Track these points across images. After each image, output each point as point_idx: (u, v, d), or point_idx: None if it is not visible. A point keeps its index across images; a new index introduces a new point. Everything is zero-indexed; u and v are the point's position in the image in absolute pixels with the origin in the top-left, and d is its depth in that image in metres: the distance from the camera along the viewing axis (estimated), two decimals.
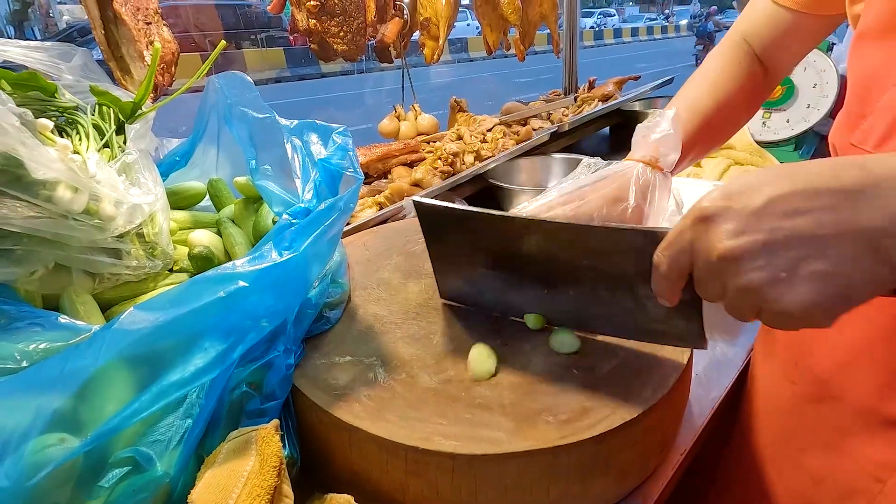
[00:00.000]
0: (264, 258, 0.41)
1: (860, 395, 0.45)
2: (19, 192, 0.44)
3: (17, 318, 0.43)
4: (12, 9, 9.32)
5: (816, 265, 0.29)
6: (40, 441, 0.32)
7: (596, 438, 0.40)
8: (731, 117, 0.61)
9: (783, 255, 0.30)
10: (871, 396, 0.45)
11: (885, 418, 0.44)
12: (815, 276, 0.29)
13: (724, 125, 0.61)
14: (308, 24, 1.06)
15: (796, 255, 0.30)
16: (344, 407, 0.43)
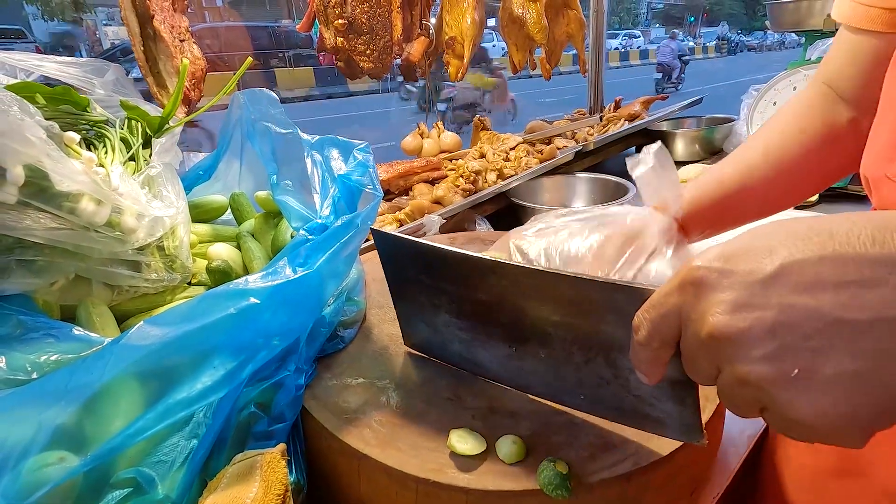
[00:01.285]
0: (278, 274, 0.40)
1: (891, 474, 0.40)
2: (43, 203, 0.44)
3: (33, 329, 0.43)
4: (62, 30, 9.89)
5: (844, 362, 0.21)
6: (40, 459, 0.31)
7: (621, 478, 0.37)
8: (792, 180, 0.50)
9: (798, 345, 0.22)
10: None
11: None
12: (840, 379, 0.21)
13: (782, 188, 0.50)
14: (335, 42, 1.07)
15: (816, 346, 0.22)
16: (354, 432, 0.41)
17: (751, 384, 0.23)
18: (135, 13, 0.82)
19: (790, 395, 0.22)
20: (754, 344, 0.23)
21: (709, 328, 0.24)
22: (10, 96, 0.42)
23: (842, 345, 0.21)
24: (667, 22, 26.48)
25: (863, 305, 0.21)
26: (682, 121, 1.69)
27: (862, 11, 0.45)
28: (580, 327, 0.37)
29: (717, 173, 0.51)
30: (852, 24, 0.46)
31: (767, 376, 0.22)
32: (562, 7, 1.50)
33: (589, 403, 0.41)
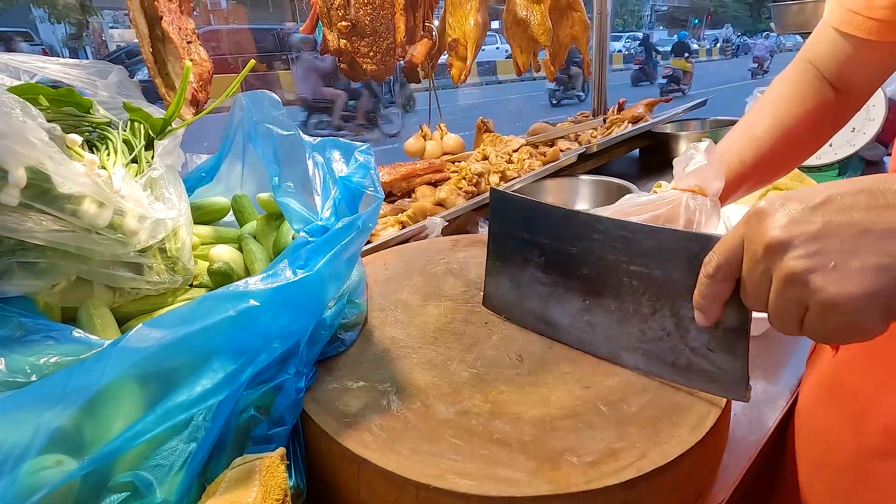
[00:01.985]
0: (278, 276, 0.40)
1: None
2: (45, 205, 0.44)
3: (33, 331, 0.42)
4: (68, 33, 9.96)
5: (870, 258, 0.28)
6: (37, 462, 0.31)
7: (625, 485, 0.37)
8: (795, 146, 0.58)
9: (835, 245, 0.29)
10: None
11: None
12: (867, 268, 0.28)
13: (787, 154, 0.58)
14: (339, 45, 1.07)
15: (849, 247, 0.29)
16: (354, 436, 0.41)
17: (796, 279, 0.30)
18: (143, 14, 0.83)
19: (826, 281, 0.29)
20: (802, 245, 0.30)
21: (767, 239, 0.31)
22: (12, 98, 0.42)
23: (867, 246, 0.28)
24: (671, 24, 26.45)
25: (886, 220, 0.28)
26: (687, 123, 1.68)
27: (848, 17, 0.51)
28: (654, 277, 0.42)
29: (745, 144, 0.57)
30: (839, 28, 0.53)
31: (810, 267, 0.29)
32: (565, 9, 1.50)
33: (646, 359, 0.45)
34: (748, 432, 0.53)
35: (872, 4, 0.49)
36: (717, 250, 0.35)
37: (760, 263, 0.32)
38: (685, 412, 0.43)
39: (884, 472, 0.43)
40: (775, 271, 0.31)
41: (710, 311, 0.37)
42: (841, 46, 0.54)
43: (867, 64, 0.54)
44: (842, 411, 0.48)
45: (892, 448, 0.43)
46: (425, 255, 0.72)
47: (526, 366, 0.50)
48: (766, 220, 0.31)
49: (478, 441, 0.40)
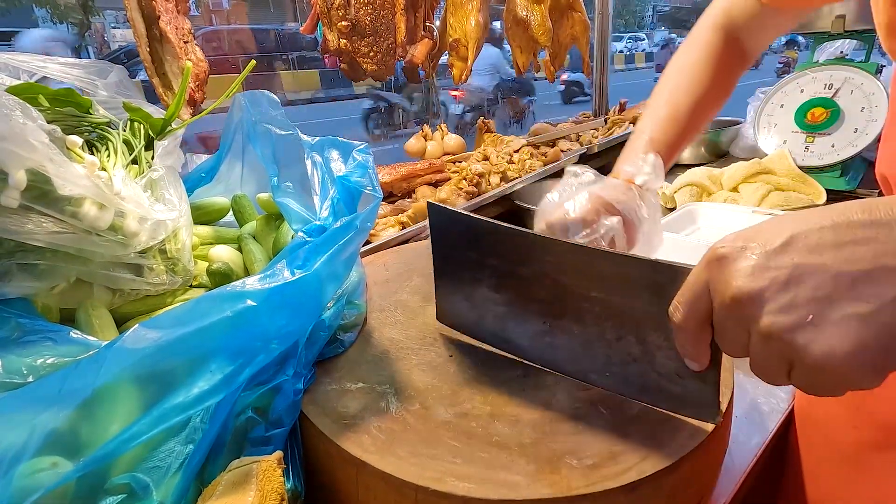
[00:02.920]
0: (275, 276, 0.39)
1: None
2: (45, 207, 0.44)
3: (31, 332, 0.42)
4: (71, 32, 9.98)
5: (849, 307, 0.25)
6: (31, 465, 0.30)
7: (626, 488, 0.36)
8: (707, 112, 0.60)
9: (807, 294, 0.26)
10: None
11: None
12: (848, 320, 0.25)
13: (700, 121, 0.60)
14: (339, 45, 1.07)
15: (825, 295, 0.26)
16: (352, 438, 0.41)
17: (773, 336, 0.27)
18: (141, 14, 0.82)
19: (807, 339, 0.26)
20: (772, 298, 0.27)
21: (732, 291, 0.28)
22: (12, 100, 0.42)
23: (844, 292, 0.25)
24: (673, 25, 26.40)
25: (858, 259, 0.25)
26: None
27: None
28: (616, 304, 0.39)
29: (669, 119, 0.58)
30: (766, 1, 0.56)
31: (786, 324, 0.26)
32: (566, 9, 1.50)
33: (614, 381, 0.42)
34: (750, 434, 0.53)
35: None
36: (681, 299, 0.32)
37: (731, 315, 0.29)
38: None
39: (881, 464, 0.44)
40: (752, 325, 0.28)
41: (697, 356, 0.34)
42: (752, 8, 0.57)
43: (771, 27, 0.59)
44: (840, 405, 0.48)
45: (885, 441, 0.43)
46: (425, 256, 0.72)
47: (525, 367, 0.49)
48: (728, 267, 0.28)
49: (477, 443, 0.40)
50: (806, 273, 0.26)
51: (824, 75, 1.13)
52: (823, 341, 0.26)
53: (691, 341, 0.33)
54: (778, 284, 0.27)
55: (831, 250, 0.26)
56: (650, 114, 0.59)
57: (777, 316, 0.27)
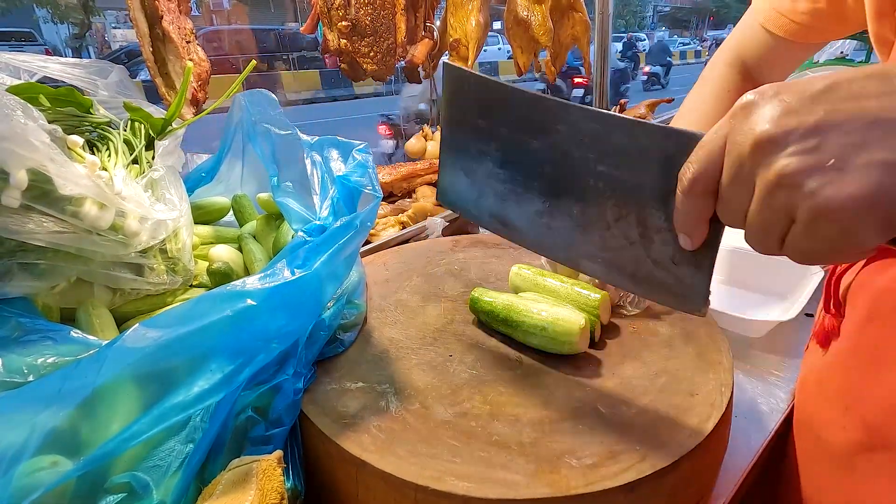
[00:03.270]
0: (275, 276, 0.40)
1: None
2: (46, 207, 0.44)
3: (31, 331, 0.42)
4: (71, 33, 9.98)
5: (876, 152, 0.24)
6: (32, 464, 0.30)
7: (625, 487, 0.36)
8: None
9: (837, 139, 0.24)
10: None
11: None
12: (873, 165, 0.24)
13: None
14: (339, 45, 1.07)
15: (854, 141, 0.24)
16: (352, 438, 0.41)
17: (786, 181, 0.25)
18: (144, 14, 0.83)
19: (822, 182, 0.24)
20: (797, 140, 0.25)
21: (756, 135, 0.26)
22: (13, 100, 0.42)
23: (877, 139, 0.24)
24: (673, 25, 26.39)
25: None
26: None
27: (774, 16, 0.55)
28: (622, 179, 0.37)
29: None
30: (763, 24, 0.56)
31: (805, 166, 0.24)
32: (567, 9, 1.50)
33: (605, 268, 0.41)
34: (749, 434, 0.53)
35: (795, 9, 0.53)
36: (694, 158, 0.29)
37: (745, 166, 0.26)
38: (685, 414, 0.43)
39: (868, 464, 0.44)
40: (760, 174, 0.26)
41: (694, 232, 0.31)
42: (765, 42, 0.57)
43: (781, 61, 0.58)
44: (830, 407, 0.49)
45: (874, 442, 0.43)
46: (425, 255, 0.72)
47: (525, 367, 0.49)
48: (755, 112, 0.26)
49: (477, 443, 0.40)
50: (840, 118, 0.24)
51: None
52: (839, 184, 0.24)
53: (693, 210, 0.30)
54: (805, 128, 0.25)
55: (874, 98, 0.24)
56: None
57: (793, 158, 0.25)
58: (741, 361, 0.64)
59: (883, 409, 0.43)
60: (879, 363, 0.43)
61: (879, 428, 0.43)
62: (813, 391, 0.53)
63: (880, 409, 0.43)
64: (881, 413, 0.43)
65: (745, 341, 0.68)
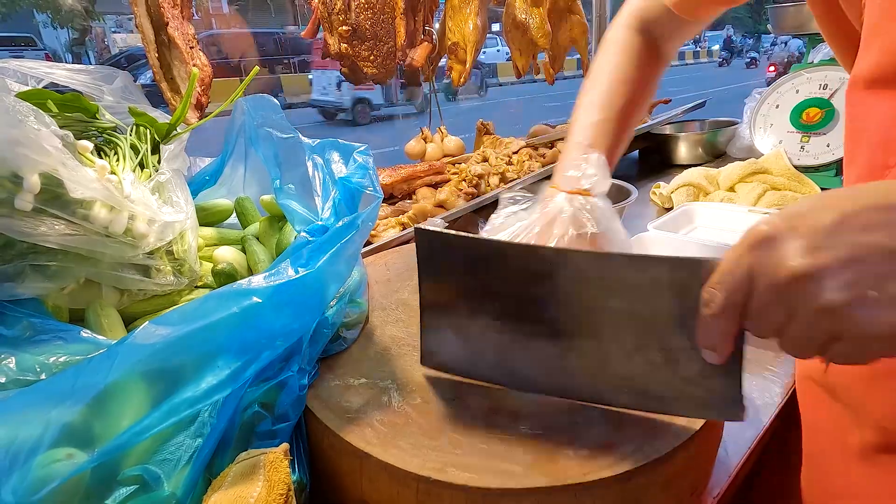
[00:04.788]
0: (280, 275, 0.41)
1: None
2: (58, 210, 0.45)
3: (42, 331, 0.44)
4: (71, 37, 10.02)
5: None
6: (48, 456, 0.32)
7: (621, 477, 0.37)
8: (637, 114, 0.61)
9: (869, 271, 0.27)
10: None
11: None
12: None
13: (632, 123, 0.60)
14: (339, 49, 1.09)
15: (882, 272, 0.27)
16: (356, 431, 0.42)
17: (830, 312, 0.28)
18: (150, 20, 0.84)
19: (872, 314, 0.27)
20: (834, 276, 0.27)
21: (788, 271, 0.28)
22: (26, 106, 0.43)
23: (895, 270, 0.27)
24: None
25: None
26: (686, 124, 1.69)
27: None
28: (637, 311, 0.38)
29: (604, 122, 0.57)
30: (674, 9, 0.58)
31: (849, 299, 0.27)
32: (565, 12, 1.51)
33: (633, 396, 0.41)
34: (744, 428, 0.54)
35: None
36: (719, 285, 0.31)
37: (782, 294, 0.29)
38: None
39: (883, 465, 0.44)
40: (802, 303, 0.28)
41: (722, 347, 0.34)
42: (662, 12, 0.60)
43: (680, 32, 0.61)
44: (833, 409, 0.49)
45: (889, 443, 0.44)
46: None
47: None
48: (781, 248, 0.29)
49: (477, 435, 0.41)
50: (864, 252, 0.27)
51: (819, 76, 1.15)
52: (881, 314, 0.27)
53: (723, 330, 0.33)
54: (838, 263, 0.27)
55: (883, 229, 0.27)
56: (582, 119, 0.57)
57: (839, 292, 0.27)
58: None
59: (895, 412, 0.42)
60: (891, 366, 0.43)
61: (892, 429, 0.43)
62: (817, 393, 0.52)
63: (892, 411, 0.43)
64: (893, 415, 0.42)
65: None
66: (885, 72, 0.39)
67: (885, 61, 0.39)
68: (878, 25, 0.39)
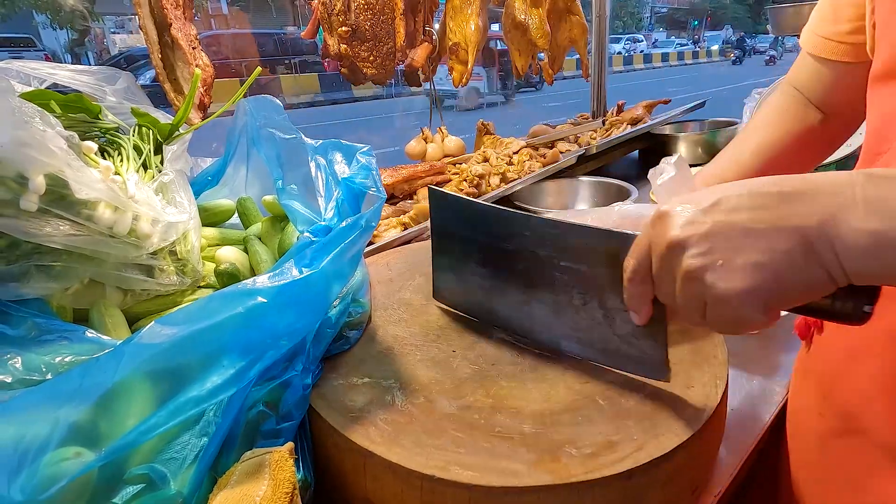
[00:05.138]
0: (284, 275, 0.41)
1: (886, 431, 0.43)
2: (63, 210, 0.45)
3: (47, 331, 0.44)
4: (71, 38, 10.02)
5: (750, 256, 0.31)
6: (56, 454, 0.32)
7: (623, 475, 0.38)
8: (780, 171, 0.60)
9: (722, 245, 0.32)
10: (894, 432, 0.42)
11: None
12: (748, 266, 0.31)
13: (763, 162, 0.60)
14: (339, 49, 1.09)
15: (733, 246, 0.32)
16: (360, 430, 0.42)
17: (693, 276, 0.33)
18: (153, 21, 0.84)
19: (716, 278, 0.32)
20: (695, 245, 0.33)
21: (668, 239, 0.34)
22: (32, 107, 0.44)
23: (748, 245, 0.31)
24: (670, 26, 26.45)
25: (761, 220, 0.31)
26: (685, 124, 1.69)
27: (821, 42, 0.55)
28: (582, 272, 0.45)
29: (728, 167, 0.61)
30: (814, 54, 0.57)
31: (702, 266, 0.32)
32: (564, 12, 1.52)
33: (581, 346, 0.48)
34: (744, 427, 0.54)
35: (840, 30, 0.53)
36: (631, 253, 0.38)
37: (664, 262, 0.35)
38: (682, 406, 0.44)
39: (841, 449, 0.46)
40: (676, 269, 0.34)
41: (640, 311, 0.40)
42: (819, 70, 0.57)
43: (847, 85, 0.56)
44: (811, 395, 0.51)
45: (847, 427, 0.46)
46: (427, 255, 0.73)
47: (526, 362, 0.51)
48: (667, 221, 0.34)
49: (480, 434, 0.42)
50: (722, 228, 0.32)
51: None
52: (728, 280, 0.32)
53: (636, 294, 0.39)
54: (700, 235, 0.33)
55: (746, 212, 0.32)
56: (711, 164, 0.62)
57: (695, 259, 0.33)
58: (736, 355, 0.66)
59: (858, 396, 0.45)
60: (857, 352, 0.45)
61: (855, 414, 0.45)
62: (799, 381, 0.55)
63: (855, 395, 0.46)
64: (856, 399, 0.45)
65: (740, 336, 0.69)
66: (889, 67, 0.42)
67: (888, 56, 0.42)
68: (886, 23, 0.42)
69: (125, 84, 0.69)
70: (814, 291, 0.32)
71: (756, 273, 0.31)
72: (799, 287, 0.31)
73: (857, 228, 0.29)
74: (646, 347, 0.43)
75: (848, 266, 0.30)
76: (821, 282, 0.31)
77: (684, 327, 0.55)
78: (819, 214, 0.30)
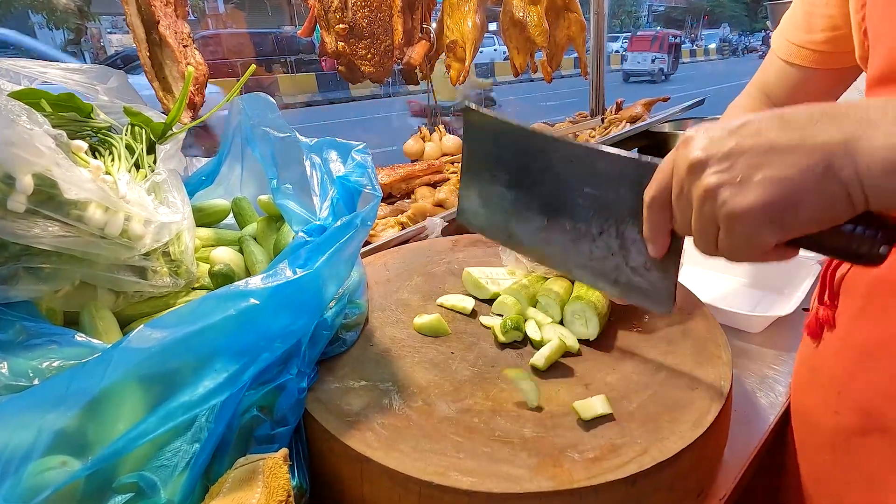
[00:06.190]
0: (277, 275, 0.40)
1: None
2: (51, 211, 0.44)
3: (36, 335, 0.43)
4: (67, 38, 9.98)
5: (768, 171, 0.31)
6: (41, 463, 0.31)
7: (626, 480, 0.37)
8: None
9: (742, 163, 0.32)
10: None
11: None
12: (765, 181, 0.31)
13: None
14: (336, 47, 1.08)
15: (753, 163, 0.31)
16: (356, 435, 0.41)
17: (710, 194, 0.33)
18: (140, 19, 0.83)
19: (731, 193, 0.32)
20: (716, 163, 0.33)
21: (690, 160, 0.34)
22: (18, 105, 0.42)
23: (770, 160, 0.31)
24: (668, 24, 26.46)
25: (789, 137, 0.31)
26: (684, 122, 1.68)
27: (793, 49, 0.57)
28: (603, 199, 0.45)
29: None
30: (787, 60, 0.58)
31: (721, 182, 0.32)
32: (562, 10, 1.51)
33: (593, 275, 0.48)
34: (749, 428, 0.54)
35: (813, 39, 0.54)
36: (653, 180, 0.37)
37: (684, 184, 0.34)
38: (685, 408, 0.43)
39: (860, 447, 0.45)
40: (693, 190, 0.34)
41: (657, 241, 0.39)
42: (788, 75, 0.59)
43: (813, 90, 0.58)
44: (823, 393, 0.50)
45: (866, 425, 0.45)
46: (425, 255, 0.73)
47: (526, 364, 0.50)
48: (691, 143, 0.34)
49: (479, 438, 0.41)
50: (746, 146, 0.32)
51: None
52: (742, 195, 0.31)
53: (655, 222, 0.38)
54: (722, 153, 0.32)
55: (773, 131, 0.32)
56: None
57: (714, 176, 0.32)
58: (740, 356, 0.65)
59: (878, 394, 0.44)
60: (875, 349, 0.44)
61: (874, 412, 0.44)
62: (806, 379, 0.54)
63: (875, 393, 0.44)
64: (876, 397, 0.44)
65: (743, 336, 0.69)
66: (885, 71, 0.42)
67: (884, 61, 0.42)
68: (879, 28, 0.42)
69: (117, 83, 0.68)
70: (829, 213, 0.31)
71: (771, 187, 0.31)
72: (815, 205, 0.30)
73: (881, 145, 0.28)
74: (656, 280, 0.43)
75: (868, 183, 0.29)
76: (837, 201, 0.30)
77: (686, 326, 0.54)
78: (846, 133, 0.29)
